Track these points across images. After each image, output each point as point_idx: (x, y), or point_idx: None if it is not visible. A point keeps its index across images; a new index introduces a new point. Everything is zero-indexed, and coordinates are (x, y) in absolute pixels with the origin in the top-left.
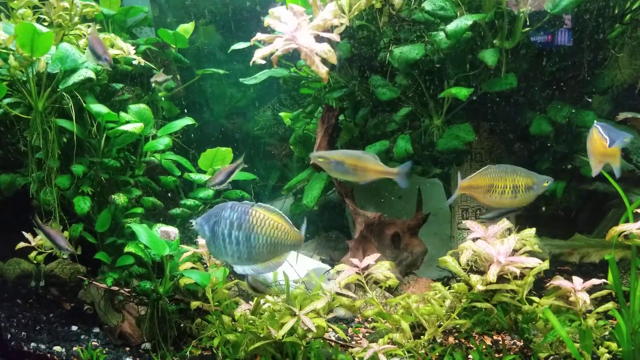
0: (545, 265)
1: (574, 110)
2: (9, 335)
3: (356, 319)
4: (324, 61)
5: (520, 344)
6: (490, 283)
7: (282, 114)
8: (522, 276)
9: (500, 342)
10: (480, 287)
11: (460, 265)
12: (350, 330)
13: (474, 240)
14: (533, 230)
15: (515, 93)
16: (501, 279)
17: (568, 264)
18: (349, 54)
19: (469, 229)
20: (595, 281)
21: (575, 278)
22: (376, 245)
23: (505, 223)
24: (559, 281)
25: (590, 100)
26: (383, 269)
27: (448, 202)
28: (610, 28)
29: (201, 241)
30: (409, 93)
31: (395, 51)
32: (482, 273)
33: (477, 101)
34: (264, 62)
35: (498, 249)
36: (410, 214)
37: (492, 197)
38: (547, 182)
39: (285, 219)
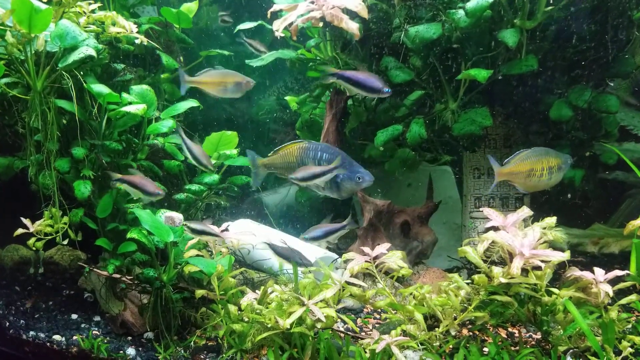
0: (567, 256)
1: (595, 94)
2: (7, 324)
3: (365, 310)
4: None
5: (536, 336)
6: (513, 277)
7: (288, 97)
8: (541, 267)
9: (516, 335)
10: (502, 280)
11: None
12: (359, 321)
13: (495, 229)
14: (554, 219)
15: (535, 76)
16: (521, 270)
17: (585, 254)
18: (360, 35)
19: (481, 218)
20: (617, 272)
21: (596, 269)
22: (385, 234)
23: (525, 211)
24: (579, 272)
25: (612, 84)
26: (395, 258)
27: (490, 189)
28: (635, 8)
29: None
30: (424, 75)
31: (411, 31)
32: (497, 263)
33: (494, 84)
34: (282, 35)
35: (522, 240)
36: (419, 202)
37: (531, 181)
38: (570, 160)
39: None
